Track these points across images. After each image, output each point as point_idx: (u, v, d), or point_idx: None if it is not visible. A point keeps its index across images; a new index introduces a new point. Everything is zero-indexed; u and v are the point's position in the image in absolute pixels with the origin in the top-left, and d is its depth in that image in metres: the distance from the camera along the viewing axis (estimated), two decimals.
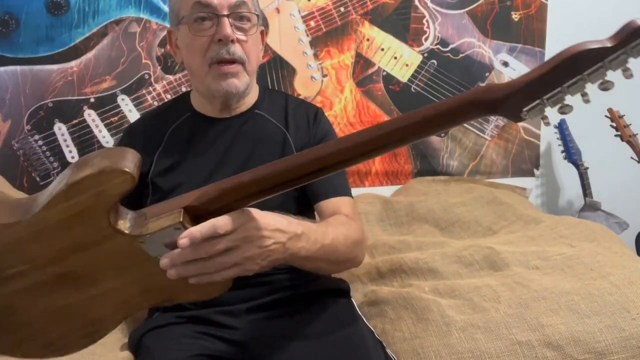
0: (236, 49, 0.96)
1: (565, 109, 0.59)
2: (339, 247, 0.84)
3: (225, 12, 0.94)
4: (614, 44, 0.55)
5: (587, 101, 0.58)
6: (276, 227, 0.69)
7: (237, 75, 0.97)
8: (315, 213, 1.03)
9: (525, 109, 0.59)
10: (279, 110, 1.08)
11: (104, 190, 0.59)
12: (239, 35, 0.96)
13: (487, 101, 0.59)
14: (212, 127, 1.04)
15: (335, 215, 0.95)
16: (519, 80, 0.58)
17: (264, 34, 1.07)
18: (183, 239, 0.61)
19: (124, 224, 0.63)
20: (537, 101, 0.58)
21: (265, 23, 1.71)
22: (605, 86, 0.58)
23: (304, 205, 1.03)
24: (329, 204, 0.99)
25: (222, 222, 0.62)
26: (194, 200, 0.64)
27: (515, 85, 0.58)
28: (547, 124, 0.62)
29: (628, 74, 0.57)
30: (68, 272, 0.65)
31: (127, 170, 0.58)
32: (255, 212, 0.68)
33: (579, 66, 0.57)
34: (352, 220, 0.94)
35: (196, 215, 0.64)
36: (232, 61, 0.96)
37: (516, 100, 0.58)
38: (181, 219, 0.62)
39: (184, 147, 1.03)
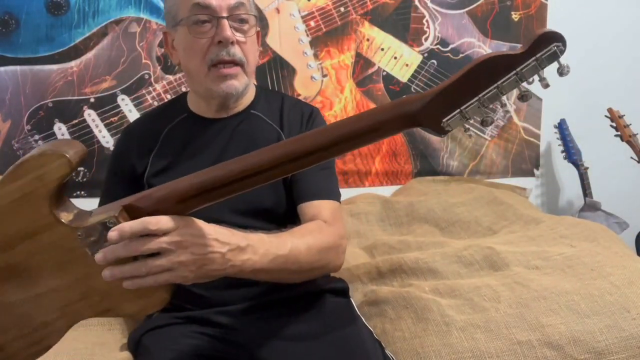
0: (236, 51, 0.96)
1: (487, 120, 0.58)
2: (300, 257, 0.82)
3: (225, 14, 0.95)
4: (523, 52, 0.55)
5: (506, 111, 0.58)
6: (215, 237, 0.68)
7: (236, 77, 0.98)
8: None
9: (444, 119, 0.58)
10: (274, 110, 1.08)
11: (44, 174, 0.63)
12: (238, 37, 0.97)
13: (409, 113, 0.59)
14: (207, 128, 1.04)
15: (306, 223, 0.93)
16: (431, 91, 0.58)
17: (259, 34, 1.08)
18: (112, 232, 0.61)
19: (67, 216, 0.65)
20: (456, 111, 0.57)
21: (264, 23, 1.71)
22: (524, 96, 0.56)
23: (294, 207, 1.01)
24: (309, 207, 0.97)
25: (153, 220, 0.62)
26: (136, 201, 0.65)
27: (428, 96, 0.58)
28: (469, 135, 0.62)
29: (544, 84, 0.56)
30: (16, 263, 0.66)
31: (65, 155, 0.62)
32: (196, 220, 0.67)
33: (492, 75, 0.56)
34: (327, 226, 0.92)
35: (138, 216, 0.64)
36: (232, 62, 0.96)
37: (435, 111, 0.58)
38: (116, 214, 0.63)
39: (179, 148, 1.03)
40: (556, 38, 0.55)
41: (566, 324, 0.95)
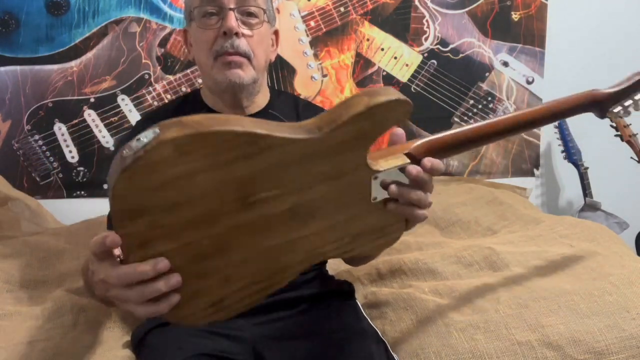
0: (241, 43, 0.96)
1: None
2: None
3: (232, 6, 0.95)
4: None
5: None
6: None
7: (241, 67, 0.97)
8: None
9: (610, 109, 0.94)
10: (290, 110, 1.09)
11: (388, 118, 0.63)
12: (244, 30, 0.97)
13: (598, 99, 0.92)
14: None
15: None
16: (611, 89, 0.95)
17: (277, 34, 1.08)
18: (413, 168, 0.67)
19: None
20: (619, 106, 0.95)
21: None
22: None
23: None
24: None
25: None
26: (414, 149, 0.70)
27: (612, 91, 0.94)
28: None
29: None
30: (302, 204, 0.64)
31: (410, 102, 0.63)
32: None
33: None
34: None
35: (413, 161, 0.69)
36: (236, 54, 0.96)
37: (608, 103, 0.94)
38: (408, 161, 0.68)
39: None
40: None
41: (566, 324, 0.95)
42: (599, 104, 0.92)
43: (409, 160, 0.68)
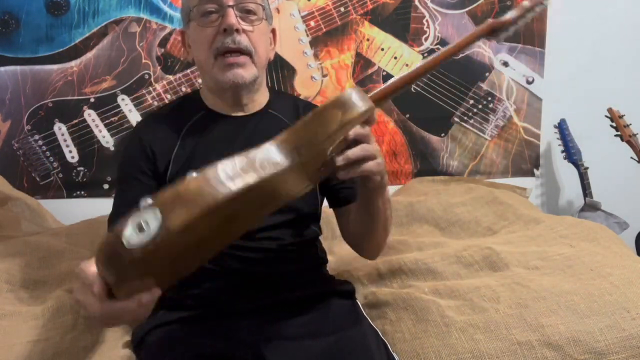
0: (242, 39, 0.96)
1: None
2: (387, 214, 0.95)
3: (231, 3, 0.96)
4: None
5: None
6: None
7: (243, 66, 0.98)
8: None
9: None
10: (291, 110, 1.09)
11: (355, 124, 0.70)
12: (244, 26, 0.97)
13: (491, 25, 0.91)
14: (228, 125, 1.04)
15: None
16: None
17: (275, 32, 1.09)
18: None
19: None
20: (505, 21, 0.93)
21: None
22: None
23: (320, 204, 1.09)
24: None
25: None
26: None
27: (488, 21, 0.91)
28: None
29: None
30: None
31: (373, 106, 0.74)
32: None
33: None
34: None
35: None
36: (238, 50, 0.97)
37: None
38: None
39: (200, 144, 1.01)
40: None
41: (566, 324, 0.95)
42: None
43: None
